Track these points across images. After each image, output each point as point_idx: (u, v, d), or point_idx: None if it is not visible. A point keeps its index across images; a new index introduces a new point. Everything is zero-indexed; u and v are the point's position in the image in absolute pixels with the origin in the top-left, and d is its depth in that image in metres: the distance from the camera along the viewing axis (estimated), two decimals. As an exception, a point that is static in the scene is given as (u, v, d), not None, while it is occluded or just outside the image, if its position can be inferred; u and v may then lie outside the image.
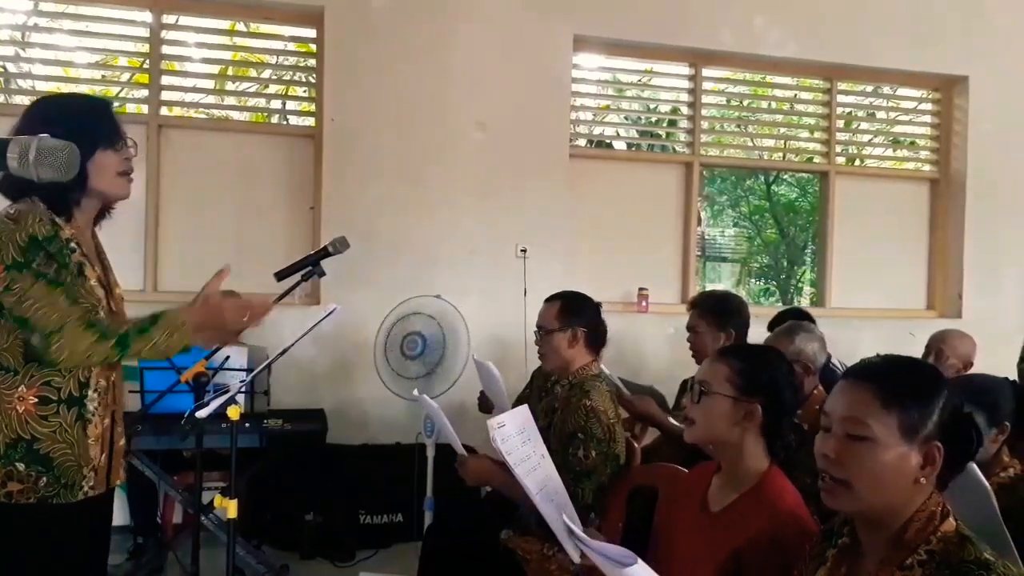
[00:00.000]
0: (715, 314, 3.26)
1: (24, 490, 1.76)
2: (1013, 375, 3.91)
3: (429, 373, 3.68)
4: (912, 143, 5.76)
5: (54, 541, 1.80)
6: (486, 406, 3.48)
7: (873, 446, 1.29)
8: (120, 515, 3.83)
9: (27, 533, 1.79)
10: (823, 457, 1.33)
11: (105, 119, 1.89)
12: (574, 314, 2.68)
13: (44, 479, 1.77)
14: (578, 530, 1.62)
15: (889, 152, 5.97)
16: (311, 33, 4.60)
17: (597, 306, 2.80)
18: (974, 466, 1.68)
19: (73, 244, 1.83)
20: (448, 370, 3.67)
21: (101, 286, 1.89)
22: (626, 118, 5.41)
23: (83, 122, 1.82)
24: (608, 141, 5.46)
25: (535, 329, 2.77)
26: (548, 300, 2.78)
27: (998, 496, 1.93)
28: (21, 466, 1.76)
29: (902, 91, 5.61)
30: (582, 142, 5.17)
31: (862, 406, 1.31)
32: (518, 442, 2.08)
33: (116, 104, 4.55)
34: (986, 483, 1.70)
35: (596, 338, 2.72)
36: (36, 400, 1.77)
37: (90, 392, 1.84)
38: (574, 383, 2.62)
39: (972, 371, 3.52)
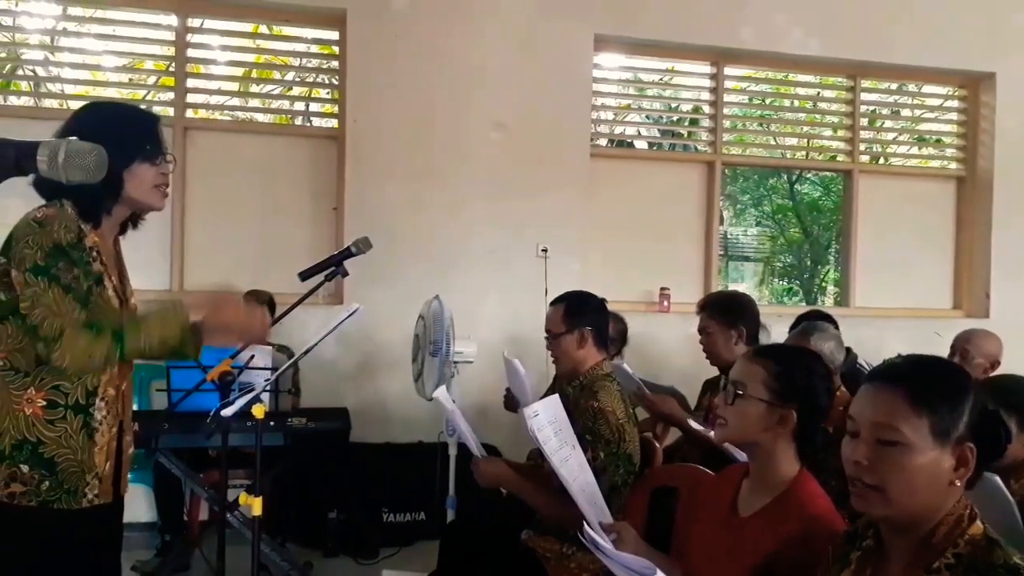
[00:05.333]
0: (724, 313, 3.24)
1: (26, 492, 1.76)
2: (1041, 375, 3.86)
3: (419, 375, 3.63)
4: (938, 141, 5.70)
5: (53, 546, 1.80)
6: (511, 404, 3.48)
7: (906, 450, 1.25)
8: (148, 513, 3.89)
9: (26, 535, 1.79)
10: (854, 464, 1.29)
11: (148, 133, 1.89)
12: (579, 315, 2.64)
13: (47, 483, 1.77)
14: (602, 541, 1.61)
15: (914, 150, 5.91)
16: (334, 35, 4.63)
17: (602, 303, 2.74)
18: (997, 479, 1.65)
19: (95, 252, 1.83)
20: (429, 372, 3.50)
21: (117, 296, 1.90)
22: (647, 117, 5.40)
23: (125, 131, 1.83)
24: (629, 141, 5.45)
25: (544, 334, 2.74)
26: (553, 303, 2.74)
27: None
28: (25, 468, 1.76)
29: (927, 88, 5.56)
30: (603, 142, 5.16)
31: (891, 410, 1.27)
32: (550, 432, 2.07)
33: (142, 107, 4.64)
34: (1009, 495, 1.68)
35: (604, 336, 2.69)
36: (44, 403, 1.78)
37: (97, 401, 1.84)
38: (584, 384, 2.59)
39: (999, 371, 3.48)
